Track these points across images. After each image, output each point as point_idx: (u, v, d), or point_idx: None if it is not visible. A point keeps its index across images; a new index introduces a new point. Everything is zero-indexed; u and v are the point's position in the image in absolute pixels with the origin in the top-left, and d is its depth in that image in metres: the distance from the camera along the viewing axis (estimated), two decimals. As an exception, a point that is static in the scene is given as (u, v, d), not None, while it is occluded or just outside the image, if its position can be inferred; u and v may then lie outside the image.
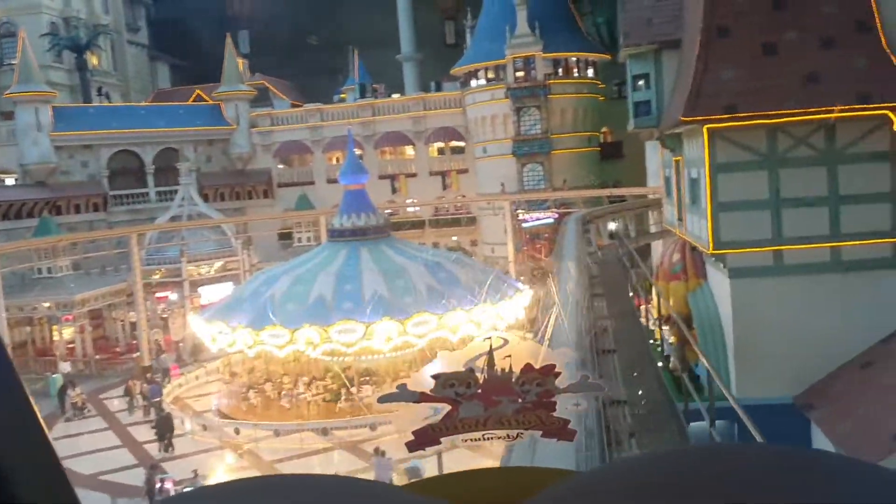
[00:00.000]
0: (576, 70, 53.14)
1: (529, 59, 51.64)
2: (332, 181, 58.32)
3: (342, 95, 65.17)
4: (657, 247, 28.42)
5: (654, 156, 47.98)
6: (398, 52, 73.63)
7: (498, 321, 33.15)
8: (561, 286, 21.48)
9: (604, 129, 60.08)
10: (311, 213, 52.93)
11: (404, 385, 3.14)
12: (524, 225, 51.21)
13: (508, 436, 3.08)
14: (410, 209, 58.93)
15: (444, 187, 57.93)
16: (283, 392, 31.32)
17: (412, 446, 3.08)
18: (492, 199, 51.03)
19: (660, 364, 18.11)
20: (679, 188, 18.52)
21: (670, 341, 18.54)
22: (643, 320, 15.39)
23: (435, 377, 3.08)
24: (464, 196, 57.40)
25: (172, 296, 45.77)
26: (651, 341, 16.03)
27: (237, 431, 30.01)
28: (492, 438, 3.09)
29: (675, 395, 9.93)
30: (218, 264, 47.84)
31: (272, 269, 37.72)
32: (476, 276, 35.37)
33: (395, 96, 60.27)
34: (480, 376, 3.07)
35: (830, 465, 1.02)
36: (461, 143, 58.17)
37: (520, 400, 3.06)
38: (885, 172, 13.80)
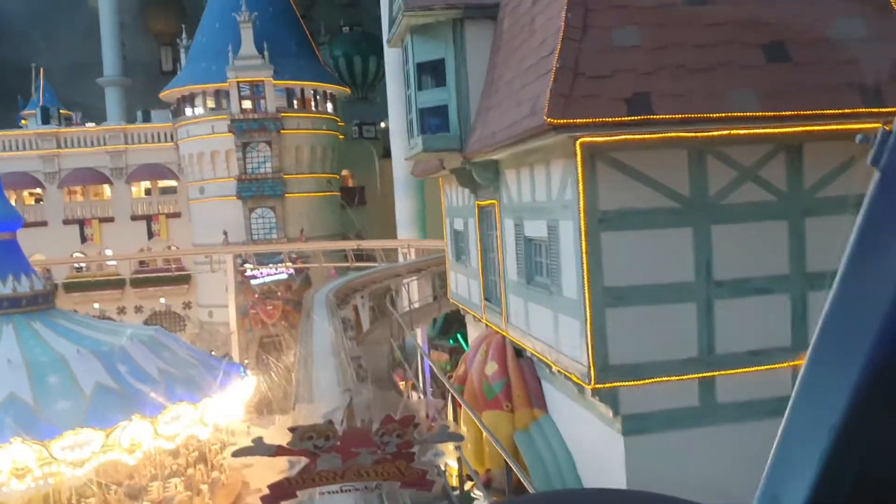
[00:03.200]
0: (313, 103, 45.78)
1: (258, 86, 43.47)
2: None
3: (23, 122, 52.36)
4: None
5: (408, 203, 41.80)
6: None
7: (206, 424, 24.31)
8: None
9: (344, 173, 53.27)
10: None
11: (260, 438, 3.62)
12: (253, 282, 42.37)
13: (367, 487, 3.44)
14: (110, 263, 47.64)
15: (151, 235, 47.47)
16: None
17: (268, 501, 3.51)
18: (210, 251, 41.68)
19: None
20: (489, 252, 11.47)
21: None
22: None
23: (292, 430, 3.55)
24: (176, 247, 47.33)
25: None
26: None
27: None
28: (350, 490, 3.46)
29: None
30: None
31: None
32: (178, 362, 26.38)
33: (90, 125, 48.90)
34: (339, 428, 3.55)
35: None
36: (173, 183, 48.21)
37: (379, 451, 3.49)
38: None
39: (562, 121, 6.61)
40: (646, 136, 6.89)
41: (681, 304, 7.42)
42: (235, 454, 4.08)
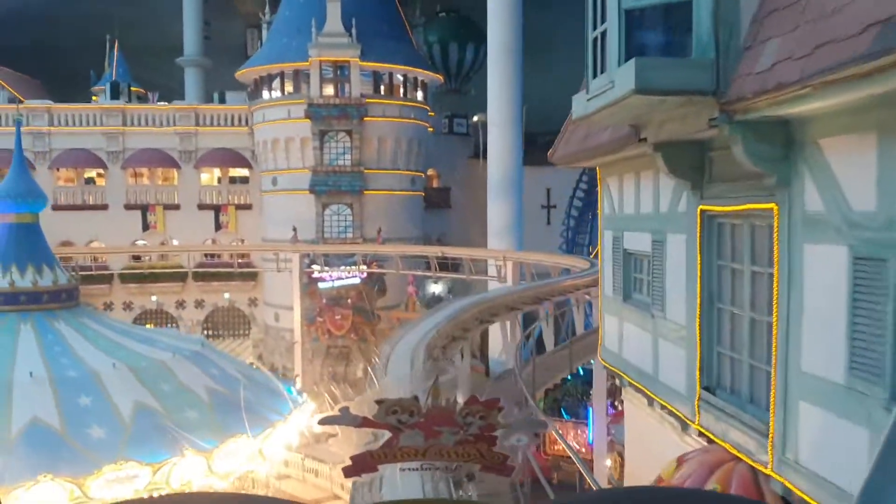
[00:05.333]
0: (402, 89, 40.94)
1: (342, 68, 38.89)
2: (60, 208, 42.39)
3: (94, 98, 49.23)
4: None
5: (502, 208, 36.14)
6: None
7: (265, 458, 20.55)
8: None
9: (430, 172, 48.38)
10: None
11: (346, 408, 3.39)
12: (321, 285, 37.70)
13: (447, 467, 3.42)
14: (173, 253, 43.80)
15: (218, 227, 43.43)
16: None
17: (349, 472, 3.33)
18: (275, 248, 37.21)
19: None
20: (722, 303, 6.05)
21: None
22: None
23: (378, 402, 3.27)
24: (242, 241, 43.18)
25: None
26: None
27: None
28: (430, 469, 3.28)
29: None
30: None
31: None
32: (228, 380, 22.17)
33: (161, 104, 45.24)
34: (424, 405, 3.28)
35: None
36: (245, 172, 44.12)
37: (461, 432, 3.25)
38: None
39: None
40: None
41: None
42: (322, 422, 3.92)
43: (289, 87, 40.03)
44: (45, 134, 42.24)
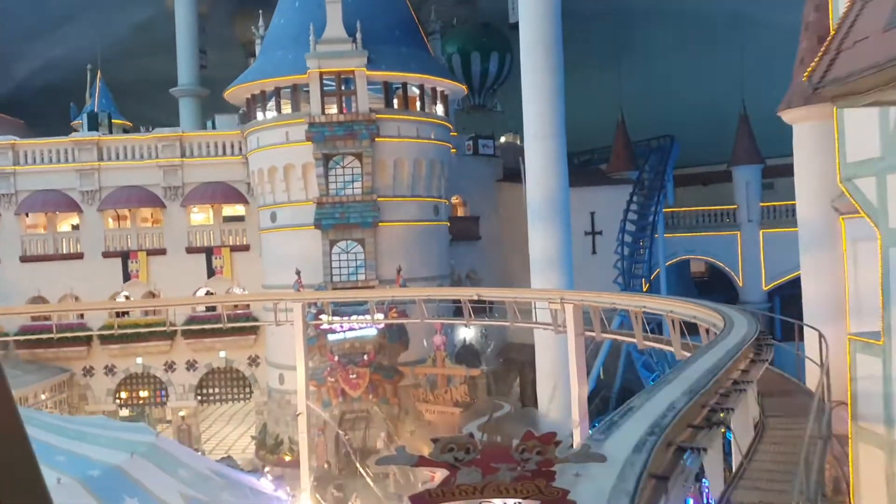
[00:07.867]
0: (419, 103, 34.80)
1: (346, 79, 32.87)
2: (29, 259, 36.55)
3: (75, 132, 43.59)
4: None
5: (547, 236, 29.17)
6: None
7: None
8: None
9: (454, 199, 42.12)
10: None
11: (403, 448, 3.48)
12: (331, 338, 31.26)
13: None
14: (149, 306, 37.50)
15: (211, 273, 37.24)
16: None
17: None
18: (270, 296, 30.80)
19: None
20: None
21: None
22: None
23: (434, 440, 3.29)
24: (244, 289, 36.93)
25: None
26: None
27: None
28: None
29: None
30: None
31: None
32: (201, 482, 16.78)
33: (143, 134, 39.41)
34: (480, 442, 3.27)
35: None
36: (241, 209, 38.04)
37: (519, 468, 3.22)
38: None
39: None
40: None
41: None
42: (379, 462, 4.24)
43: (286, 107, 34.05)
44: (10, 174, 36.47)
